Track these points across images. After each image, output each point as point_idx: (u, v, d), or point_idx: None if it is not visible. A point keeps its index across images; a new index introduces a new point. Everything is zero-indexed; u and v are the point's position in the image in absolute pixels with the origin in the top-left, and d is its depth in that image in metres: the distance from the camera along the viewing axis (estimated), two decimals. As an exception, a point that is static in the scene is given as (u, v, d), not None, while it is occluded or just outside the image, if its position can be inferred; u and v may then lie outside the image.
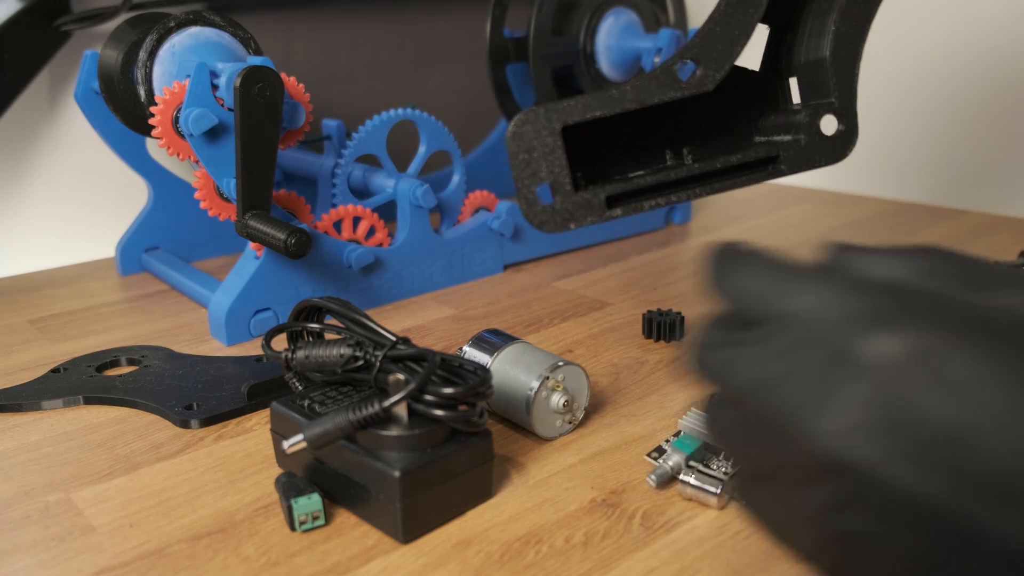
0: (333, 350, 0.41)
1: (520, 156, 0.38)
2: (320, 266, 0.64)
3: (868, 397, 0.22)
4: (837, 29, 0.40)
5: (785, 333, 0.24)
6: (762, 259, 0.27)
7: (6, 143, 0.78)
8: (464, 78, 1.05)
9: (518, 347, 0.47)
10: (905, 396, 0.21)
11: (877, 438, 0.21)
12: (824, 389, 0.23)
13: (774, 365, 0.24)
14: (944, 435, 0.21)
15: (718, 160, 0.39)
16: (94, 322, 0.66)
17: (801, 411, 0.23)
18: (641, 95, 0.38)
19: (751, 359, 0.25)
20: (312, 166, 0.74)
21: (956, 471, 0.21)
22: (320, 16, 0.93)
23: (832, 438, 0.22)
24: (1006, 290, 0.24)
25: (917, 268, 0.25)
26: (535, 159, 0.38)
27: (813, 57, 0.41)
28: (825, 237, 0.84)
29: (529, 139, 0.38)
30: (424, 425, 0.39)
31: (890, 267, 0.25)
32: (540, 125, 0.38)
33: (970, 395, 0.21)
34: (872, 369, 0.22)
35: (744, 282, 0.27)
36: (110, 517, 0.41)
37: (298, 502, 0.39)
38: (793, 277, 0.25)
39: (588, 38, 0.83)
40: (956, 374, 0.21)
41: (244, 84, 0.55)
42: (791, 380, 0.23)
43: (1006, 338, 0.21)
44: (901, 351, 0.22)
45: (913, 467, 0.21)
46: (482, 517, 0.40)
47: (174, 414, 0.49)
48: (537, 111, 0.38)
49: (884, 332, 0.22)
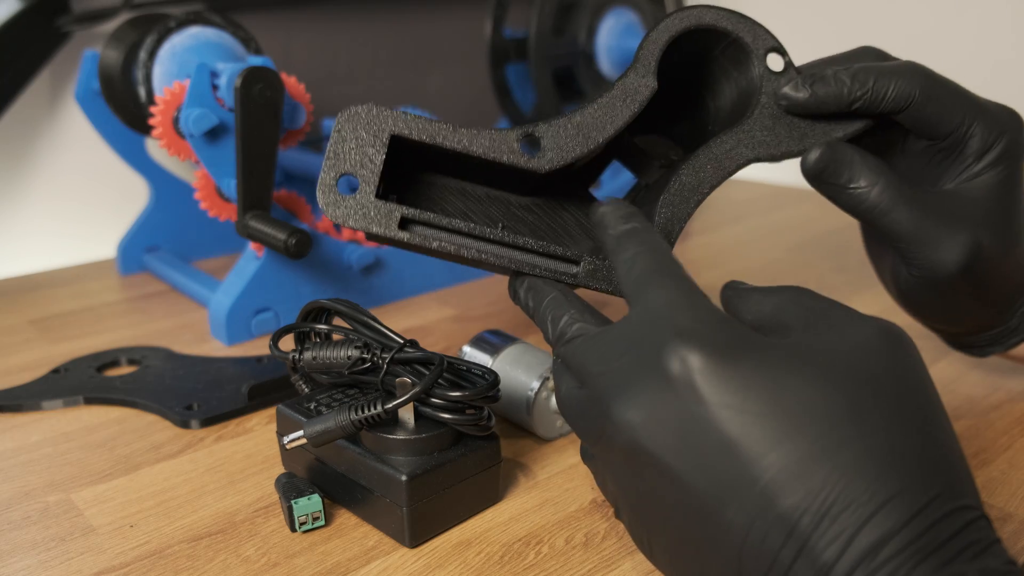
0: (340, 352, 0.41)
1: (342, 136, 0.38)
2: (320, 266, 0.64)
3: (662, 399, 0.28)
4: (679, 178, 0.40)
5: (628, 334, 0.31)
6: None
7: (6, 143, 0.78)
8: (464, 78, 1.04)
9: (518, 348, 0.47)
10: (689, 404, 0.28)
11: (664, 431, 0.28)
12: (631, 386, 0.29)
13: (615, 359, 0.30)
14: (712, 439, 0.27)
15: (524, 238, 0.39)
16: (94, 322, 0.66)
17: (613, 399, 0.30)
18: (474, 144, 0.38)
19: (595, 344, 0.32)
20: (312, 166, 0.74)
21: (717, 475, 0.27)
22: (320, 16, 0.92)
23: (628, 427, 0.29)
24: (833, 328, 0.30)
25: (775, 305, 0.32)
26: (355, 148, 0.38)
27: (650, 206, 0.42)
28: (825, 237, 0.84)
29: (359, 127, 0.38)
30: (431, 429, 0.39)
31: (758, 304, 0.33)
32: (375, 122, 0.38)
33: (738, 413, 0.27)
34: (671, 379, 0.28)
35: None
36: (110, 517, 0.41)
37: (298, 503, 0.39)
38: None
39: (588, 38, 0.83)
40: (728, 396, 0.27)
41: (244, 84, 0.55)
42: (615, 369, 0.30)
43: (790, 369, 0.28)
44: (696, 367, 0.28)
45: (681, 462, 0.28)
46: (482, 518, 0.40)
47: (174, 414, 0.49)
48: (381, 109, 0.38)
49: (688, 351, 0.28)
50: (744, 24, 0.41)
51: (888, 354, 0.29)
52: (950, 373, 0.54)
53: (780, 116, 0.41)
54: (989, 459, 0.44)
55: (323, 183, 0.38)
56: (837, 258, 0.77)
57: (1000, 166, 0.40)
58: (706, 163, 0.41)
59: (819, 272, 0.74)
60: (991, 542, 0.26)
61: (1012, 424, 0.48)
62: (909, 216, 0.39)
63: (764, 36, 0.41)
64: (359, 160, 0.38)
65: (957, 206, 0.40)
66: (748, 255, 0.80)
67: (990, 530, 0.26)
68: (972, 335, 0.46)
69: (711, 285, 0.37)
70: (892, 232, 0.40)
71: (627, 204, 0.36)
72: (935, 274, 0.40)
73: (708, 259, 0.79)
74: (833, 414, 0.27)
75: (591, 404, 0.31)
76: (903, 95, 0.39)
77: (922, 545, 0.25)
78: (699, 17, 0.40)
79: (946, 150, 0.41)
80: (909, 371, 0.29)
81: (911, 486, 0.26)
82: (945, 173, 0.41)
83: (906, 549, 0.25)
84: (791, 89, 0.40)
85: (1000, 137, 0.40)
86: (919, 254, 0.40)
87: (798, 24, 1.04)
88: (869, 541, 0.25)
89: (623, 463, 0.30)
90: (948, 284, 0.40)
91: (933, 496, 0.26)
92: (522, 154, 0.39)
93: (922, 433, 0.27)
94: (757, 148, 0.41)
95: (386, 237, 0.38)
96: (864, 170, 0.40)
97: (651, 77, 0.40)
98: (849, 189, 0.40)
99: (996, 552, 0.26)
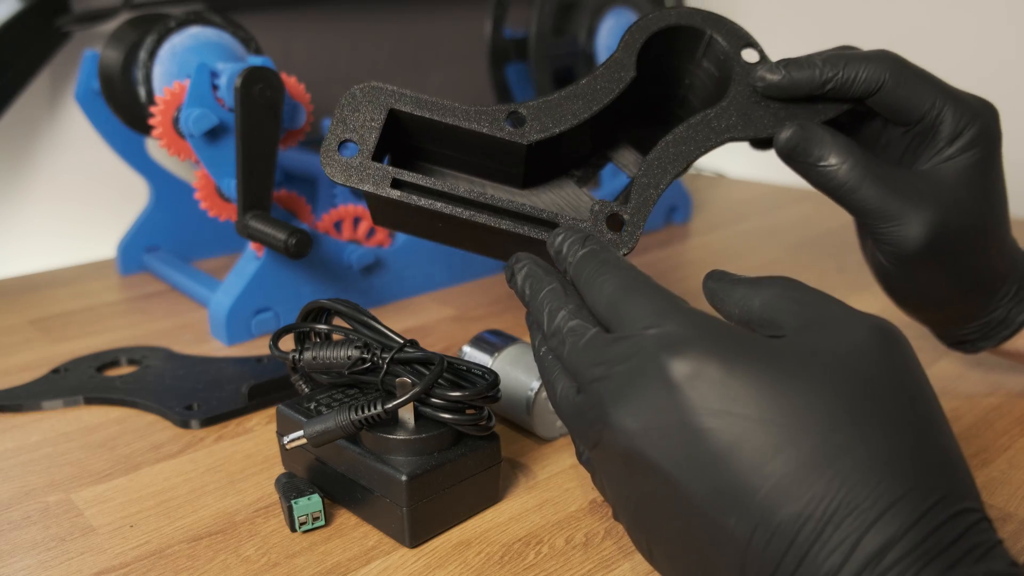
0: (340, 351, 0.41)
1: (345, 109, 0.42)
2: (320, 266, 0.64)
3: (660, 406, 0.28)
4: (657, 151, 0.42)
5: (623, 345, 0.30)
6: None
7: (6, 143, 0.78)
8: (464, 78, 1.04)
9: (518, 348, 0.47)
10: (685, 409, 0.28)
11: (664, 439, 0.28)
12: (630, 392, 0.29)
13: (612, 365, 0.30)
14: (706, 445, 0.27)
15: (507, 200, 0.41)
16: (94, 322, 0.66)
17: (611, 405, 0.29)
18: (466, 118, 0.42)
19: (591, 347, 0.31)
20: (312, 166, 0.74)
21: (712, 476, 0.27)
22: (320, 16, 0.92)
23: (626, 434, 0.29)
24: (827, 327, 0.29)
25: (765, 301, 0.32)
26: (355, 117, 0.42)
27: (627, 164, 0.45)
28: (825, 237, 0.84)
29: (360, 101, 0.42)
30: (431, 429, 0.39)
31: (746, 298, 0.33)
32: (375, 97, 0.42)
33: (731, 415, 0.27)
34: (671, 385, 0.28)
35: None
36: (110, 517, 0.41)
37: (298, 503, 0.39)
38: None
39: (588, 38, 0.83)
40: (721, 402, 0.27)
41: (245, 84, 0.55)
42: (611, 375, 0.30)
43: (783, 368, 0.28)
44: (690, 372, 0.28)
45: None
46: (482, 518, 0.40)
47: (174, 414, 0.49)
48: (382, 87, 0.42)
49: (681, 358, 0.28)
50: (716, 22, 0.43)
51: (885, 355, 0.29)
52: (950, 373, 0.54)
53: (757, 100, 0.43)
54: (989, 459, 0.44)
55: (326, 146, 0.42)
56: (837, 258, 0.77)
57: (972, 150, 0.41)
58: (685, 138, 0.42)
59: (819, 272, 0.74)
60: (994, 544, 0.26)
61: (1012, 424, 0.48)
62: (875, 193, 0.41)
63: (737, 32, 0.43)
64: (359, 128, 0.42)
65: (924, 185, 0.41)
66: (748, 255, 0.80)
67: (993, 532, 0.26)
68: (959, 326, 0.46)
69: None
70: (860, 209, 0.41)
71: (579, 228, 0.39)
72: (901, 251, 0.41)
73: (708, 259, 0.79)
74: (832, 419, 0.27)
75: (589, 408, 0.31)
76: (873, 79, 0.41)
77: (926, 549, 0.25)
78: (677, 17, 0.43)
79: (920, 135, 0.42)
80: (906, 372, 0.29)
81: (914, 490, 0.26)
82: (919, 157, 0.42)
83: (910, 554, 0.25)
84: (767, 71, 0.42)
85: (972, 122, 0.41)
86: (885, 231, 0.41)
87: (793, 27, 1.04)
88: (873, 547, 0.25)
89: (622, 469, 0.30)
90: (917, 262, 0.41)
91: (937, 499, 0.26)
92: (507, 128, 0.42)
93: (922, 435, 0.27)
94: (734, 128, 0.43)
95: (377, 196, 0.41)
96: (834, 148, 0.41)
97: (631, 67, 0.43)
98: (819, 167, 0.41)
99: (999, 554, 0.26)
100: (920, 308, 0.46)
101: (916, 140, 0.42)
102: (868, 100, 0.42)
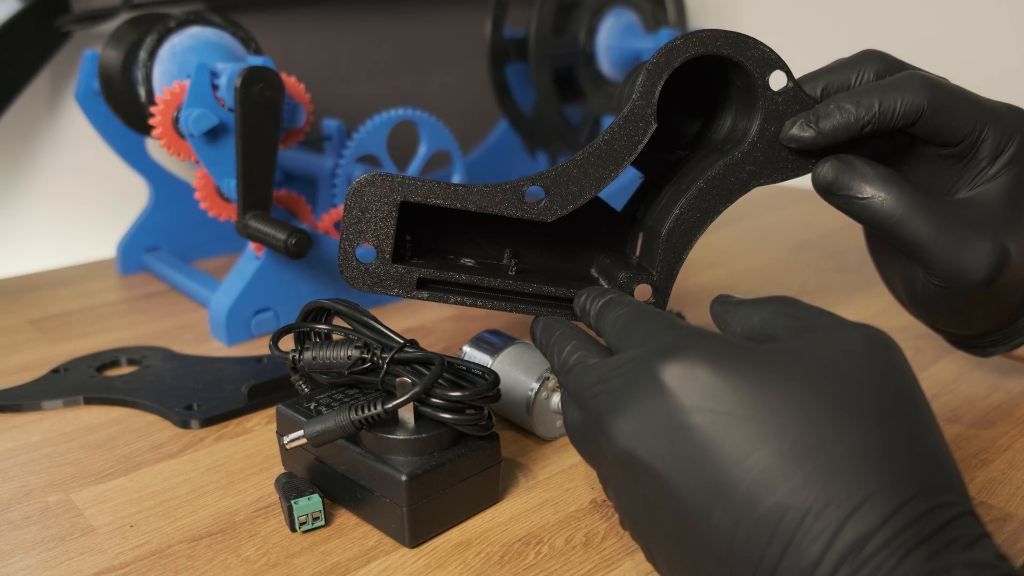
0: (340, 351, 0.41)
1: (354, 212, 0.40)
2: (320, 266, 0.64)
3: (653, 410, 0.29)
4: (680, 213, 0.41)
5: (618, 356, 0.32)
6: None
7: (6, 143, 0.78)
8: (464, 78, 1.04)
9: (518, 348, 0.47)
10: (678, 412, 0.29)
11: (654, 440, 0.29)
12: (625, 399, 0.30)
13: (608, 380, 0.31)
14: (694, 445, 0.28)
15: (532, 285, 0.41)
16: (94, 322, 0.66)
17: (608, 414, 0.31)
18: (484, 201, 0.40)
19: (592, 370, 0.33)
20: (312, 166, 0.74)
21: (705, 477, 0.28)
22: (320, 16, 0.92)
23: (623, 436, 0.30)
24: (818, 334, 0.30)
25: (763, 317, 0.33)
26: (367, 219, 0.40)
27: (654, 225, 0.43)
28: (825, 237, 0.84)
29: (368, 200, 0.40)
30: (431, 429, 0.39)
31: (747, 316, 0.34)
32: (383, 192, 0.40)
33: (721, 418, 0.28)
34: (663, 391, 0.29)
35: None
36: (110, 517, 0.41)
37: (298, 503, 0.39)
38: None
39: (588, 38, 0.83)
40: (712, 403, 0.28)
41: (244, 84, 0.55)
42: (609, 389, 0.31)
43: (779, 377, 0.28)
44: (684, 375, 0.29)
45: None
46: (482, 518, 0.40)
47: (174, 414, 0.49)
48: (386, 177, 0.40)
49: (673, 363, 0.29)
50: (743, 45, 0.40)
51: (871, 358, 0.29)
52: (950, 373, 0.54)
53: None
54: (989, 459, 0.44)
55: (343, 256, 0.41)
56: (837, 258, 0.77)
57: (1015, 168, 0.40)
58: (708, 193, 0.41)
59: (819, 272, 0.74)
60: (979, 536, 0.26)
61: (1012, 424, 0.48)
62: (927, 224, 0.39)
63: (764, 58, 0.40)
64: (373, 231, 0.40)
65: (976, 213, 0.40)
66: (748, 255, 0.80)
67: (977, 525, 0.27)
68: (981, 337, 0.46)
69: (711, 285, 0.37)
70: (911, 241, 0.39)
71: (601, 287, 0.39)
72: (958, 283, 0.39)
73: (708, 259, 0.79)
74: (813, 415, 0.27)
75: (589, 423, 0.32)
76: (912, 110, 0.39)
77: (906, 539, 0.25)
78: (701, 44, 0.40)
79: (958, 155, 0.40)
80: (892, 374, 0.29)
81: (889, 483, 0.26)
82: (959, 178, 0.41)
83: (889, 543, 0.25)
84: (797, 130, 0.40)
85: (1012, 138, 0.40)
86: (941, 263, 0.39)
87: (802, 29, 1.04)
88: (852, 537, 0.25)
89: (621, 475, 0.31)
90: (971, 292, 0.40)
91: (913, 493, 0.26)
92: (529, 206, 0.40)
93: (904, 433, 0.28)
94: (761, 174, 0.42)
95: (406, 297, 0.41)
96: (875, 180, 0.39)
97: (651, 117, 0.40)
98: (861, 200, 0.39)
99: (984, 545, 0.26)
100: (954, 327, 0.45)
101: (952, 159, 0.41)
102: (908, 129, 0.40)
